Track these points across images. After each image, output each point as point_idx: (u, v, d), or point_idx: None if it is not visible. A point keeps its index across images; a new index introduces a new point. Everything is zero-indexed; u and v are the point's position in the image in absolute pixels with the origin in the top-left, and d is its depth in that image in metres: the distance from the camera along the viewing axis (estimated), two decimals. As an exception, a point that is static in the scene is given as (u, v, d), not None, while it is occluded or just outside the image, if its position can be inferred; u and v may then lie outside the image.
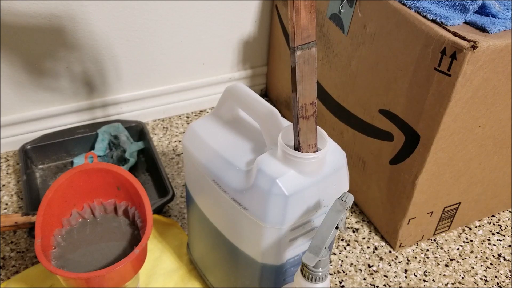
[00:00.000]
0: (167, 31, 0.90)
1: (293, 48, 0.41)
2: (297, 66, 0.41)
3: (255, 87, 1.09)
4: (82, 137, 0.87)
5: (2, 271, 0.69)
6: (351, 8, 0.69)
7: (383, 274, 0.73)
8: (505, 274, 0.74)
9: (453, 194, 0.73)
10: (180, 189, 0.84)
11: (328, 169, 0.49)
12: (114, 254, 0.59)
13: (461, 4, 0.59)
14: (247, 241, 0.52)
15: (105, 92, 0.92)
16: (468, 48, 0.54)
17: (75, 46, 0.84)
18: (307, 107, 0.44)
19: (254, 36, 1.01)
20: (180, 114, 1.03)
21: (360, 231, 0.79)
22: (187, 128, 0.56)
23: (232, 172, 0.50)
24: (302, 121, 0.45)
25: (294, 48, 0.41)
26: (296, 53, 0.41)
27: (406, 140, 0.66)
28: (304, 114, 0.44)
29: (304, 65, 0.42)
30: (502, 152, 0.71)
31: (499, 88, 0.61)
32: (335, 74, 0.77)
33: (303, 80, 0.43)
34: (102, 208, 0.64)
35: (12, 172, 0.86)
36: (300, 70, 0.42)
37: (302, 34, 0.40)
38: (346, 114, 0.77)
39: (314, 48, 0.41)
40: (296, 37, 0.40)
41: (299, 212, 0.48)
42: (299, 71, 0.42)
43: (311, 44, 0.41)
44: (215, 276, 0.64)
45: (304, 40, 0.41)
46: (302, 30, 0.40)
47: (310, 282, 0.45)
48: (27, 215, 0.66)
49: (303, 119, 0.45)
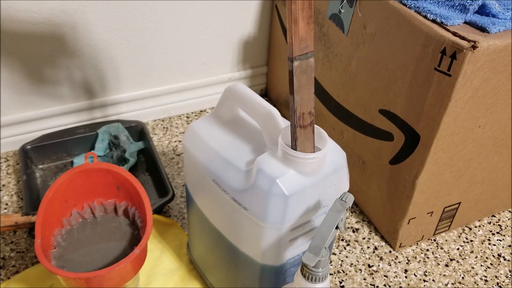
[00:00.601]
0: (167, 31, 0.90)
1: (291, 58, 0.41)
2: (295, 76, 0.42)
3: (255, 87, 1.09)
4: (82, 137, 0.87)
5: (2, 271, 0.69)
6: (351, 8, 0.69)
7: (383, 274, 0.73)
8: (505, 274, 0.74)
9: (453, 194, 0.73)
10: (180, 189, 0.84)
11: (328, 169, 0.49)
12: (114, 254, 0.59)
13: (461, 4, 0.59)
14: (247, 241, 0.52)
15: (105, 92, 0.92)
16: (468, 48, 0.54)
17: (75, 46, 0.84)
18: (304, 116, 0.45)
19: (254, 36, 1.01)
20: (180, 114, 1.03)
21: (360, 231, 0.79)
22: (187, 128, 0.56)
23: (232, 172, 0.50)
24: (300, 130, 0.45)
25: (292, 58, 0.41)
26: (294, 64, 0.41)
27: (406, 140, 0.66)
28: (302, 124, 0.45)
29: (302, 75, 0.42)
30: (502, 152, 0.71)
31: (499, 88, 0.61)
32: (335, 74, 0.77)
33: (300, 90, 0.43)
34: (102, 208, 0.64)
35: (12, 172, 0.86)
36: (298, 80, 0.42)
37: (300, 44, 0.41)
38: (346, 114, 0.77)
39: (312, 59, 0.42)
40: (294, 47, 0.41)
41: (299, 212, 0.48)
42: (297, 81, 0.42)
43: (309, 55, 0.42)
44: (215, 276, 0.64)
45: (302, 51, 0.41)
46: (301, 41, 0.41)
47: (310, 282, 0.45)
48: (27, 215, 0.66)
49: (300, 128, 0.45)
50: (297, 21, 0.40)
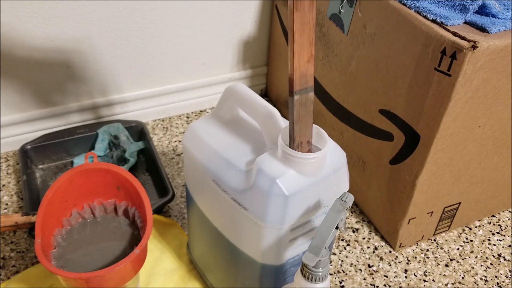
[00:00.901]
0: (167, 31, 0.90)
1: (292, 92, 0.43)
2: (295, 108, 0.44)
3: (255, 87, 1.09)
4: (82, 137, 0.87)
5: (2, 271, 0.69)
6: (351, 8, 0.69)
7: (383, 274, 0.73)
8: (505, 274, 0.74)
9: (453, 194, 0.73)
10: (180, 189, 0.84)
11: (328, 169, 0.49)
12: (114, 254, 0.59)
13: (461, 4, 0.59)
14: (247, 241, 0.52)
15: (105, 92, 0.92)
16: (468, 48, 0.54)
17: (75, 46, 0.84)
18: (302, 144, 0.47)
19: (254, 36, 1.01)
20: (180, 114, 1.03)
21: (360, 231, 0.79)
22: (187, 128, 0.56)
23: (232, 172, 0.50)
24: None
25: (293, 92, 0.43)
26: (294, 97, 0.43)
27: (406, 140, 0.66)
28: (300, 151, 0.46)
29: (301, 108, 0.44)
30: (502, 152, 0.71)
31: (499, 88, 0.61)
32: (335, 74, 0.77)
33: (299, 120, 0.45)
34: (102, 208, 0.64)
35: (12, 172, 0.86)
36: (298, 112, 0.44)
37: (301, 80, 0.43)
38: (346, 114, 0.77)
39: (311, 93, 0.44)
40: (295, 82, 0.43)
41: (299, 212, 0.48)
42: (297, 113, 0.45)
43: (308, 89, 0.44)
44: (215, 276, 0.64)
45: (302, 86, 0.43)
46: (301, 77, 0.43)
47: (310, 282, 0.45)
48: (27, 215, 0.66)
49: None
50: (299, 59, 0.42)
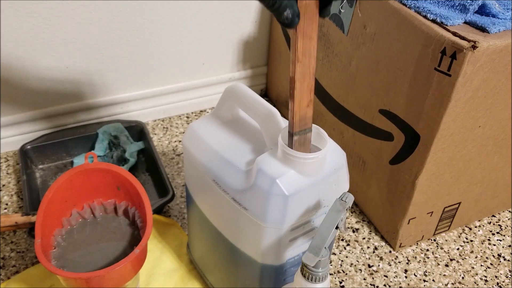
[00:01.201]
0: (167, 31, 0.90)
1: (292, 133, 0.45)
2: (294, 147, 0.46)
3: (255, 87, 1.09)
4: (82, 137, 0.87)
5: (2, 271, 0.69)
6: (351, 8, 0.69)
7: (383, 274, 0.73)
8: (505, 274, 0.74)
9: (453, 194, 0.73)
10: (180, 189, 0.84)
11: (328, 169, 0.49)
12: (114, 254, 0.59)
13: (461, 4, 0.59)
14: (247, 241, 0.52)
15: (105, 92, 0.92)
16: (468, 48, 0.54)
17: (75, 46, 0.84)
18: None
19: (254, 36, 1.01)
20: (180, 114, 1.03)
21: (360, 231, 0.79)
22: (187, 128, 0.56)
23: (232, 172, 0.50)
24: None
25: (293, 133, 0.45)
26: (294, 138, 0.46)
27: (406, 140, 0.66)
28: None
29: (300, 147, 0.47)
30: (502, 152, 0.71)
31: (499, 88, 0.61)
32: (335, 74, 0.77)
33: None
34: (102, 208, 0.64)
35: (12, 172, 0.86)
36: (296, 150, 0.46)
37: (300, 122, 0.45)
38: (346, 114, 0.77)
39: (309, 134, 0.47)
40: (295, 124, 0.45)
41: (299, 212, 0.48)
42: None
43: (307, 131, 0.46)
44: (215, 276, 0.64)
45: (301, 127, 0.46)
46: (301, 119, 0.45)
47: (310, 282, 0.45)
48: (27, 215, 0.66)
49: None
50: (299, 104, 0.44)
